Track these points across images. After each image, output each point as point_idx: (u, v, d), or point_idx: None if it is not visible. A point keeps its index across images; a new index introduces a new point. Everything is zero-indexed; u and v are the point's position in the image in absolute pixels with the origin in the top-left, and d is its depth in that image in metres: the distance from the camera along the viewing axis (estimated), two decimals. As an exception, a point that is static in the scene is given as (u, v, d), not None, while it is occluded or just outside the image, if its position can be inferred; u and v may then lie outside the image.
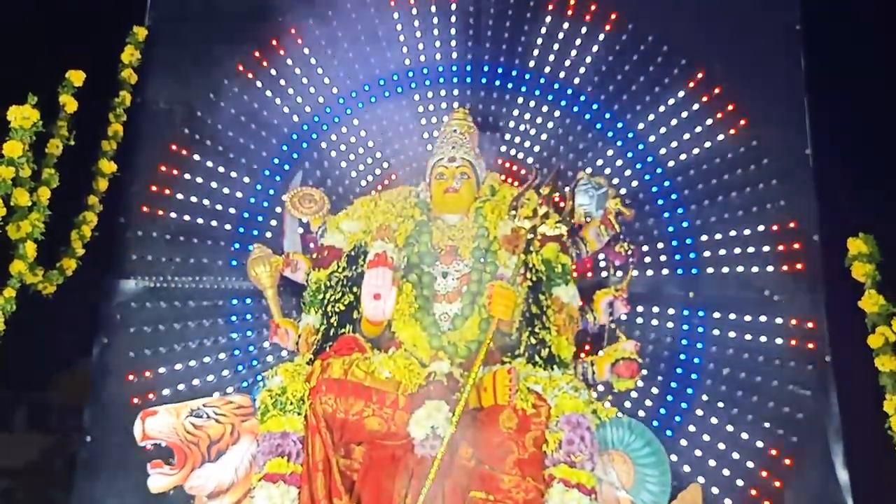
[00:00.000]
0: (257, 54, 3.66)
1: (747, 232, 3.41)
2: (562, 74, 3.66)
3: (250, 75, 3.65)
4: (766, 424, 3.22)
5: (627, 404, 3.23)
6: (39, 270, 3.17)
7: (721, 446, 3.19)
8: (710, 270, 3.42)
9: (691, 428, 3.25)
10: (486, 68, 3.69)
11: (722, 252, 3.42)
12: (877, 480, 3.12)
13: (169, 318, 3.43)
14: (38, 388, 4.58)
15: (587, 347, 3.28)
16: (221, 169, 3.58)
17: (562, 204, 3.31)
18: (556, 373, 2.75)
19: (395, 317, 2.87)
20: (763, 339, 3.30)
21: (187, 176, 3.56)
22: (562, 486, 2.48)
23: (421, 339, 2.85)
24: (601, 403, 2.73)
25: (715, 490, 3.13)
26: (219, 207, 3.56)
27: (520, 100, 3.67)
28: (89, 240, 3.47)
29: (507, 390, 2.57)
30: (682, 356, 3.35)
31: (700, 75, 3.55)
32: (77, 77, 3.29)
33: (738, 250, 3.41)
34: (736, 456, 3.18)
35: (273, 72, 3.66)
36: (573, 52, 3.65)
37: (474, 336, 2.88)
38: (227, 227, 3.55)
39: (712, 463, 3.18)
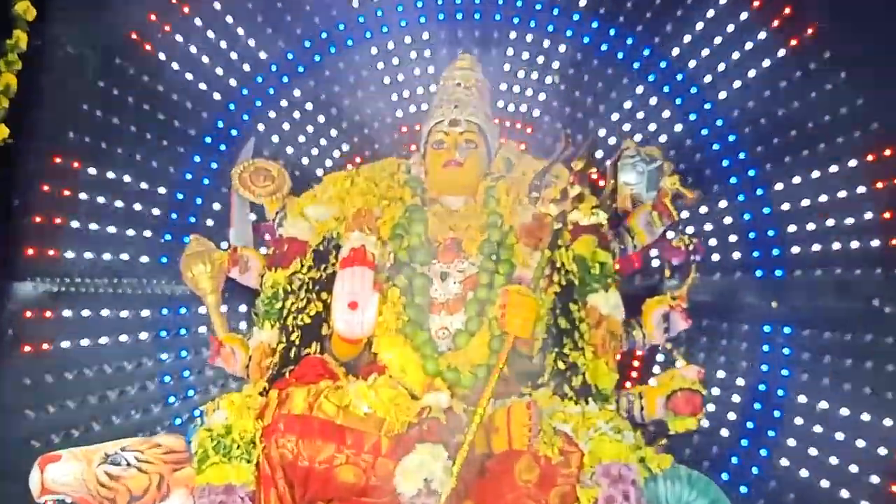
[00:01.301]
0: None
1: (849, 221, 3.41)
2: (601, 8, 3.68)
3: (186, 9, 3.66)
4: (874, 479, 3.22)
5: (687, 451, 3.23)
6: None
7: (812, 508, 3.23)
8: (798, 273, 3.43)
9: (773, 484, 3.27)
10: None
11: (815, 248, 3.43)
12: None
13: (77, 333, 3.46)
14: None
15: (634, 375, 3.29)
16: (148, 135, 3.59)
17: (601, 183, 3.33)
18: (592, 408, 2.76)
19: (376, 333, 2.88)
20: (869, 364, 3.30)
21: (103, 144, 3.57)
22: (598, 560, 2.49)
23: (412, 362, 2.86)
24: (652, 449, 2.69)
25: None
26: (144, 186, 3.57)
27: (545, 42, 3.69)
28: (-28, 230, 3.49)
29: (525, 431, 2.57)
30: (762, 386, 3.37)
31: (787, 11, 3.54)
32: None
33: (836, 245, 3.41)
34: (832, 520, 3.21)
35: (217, 5, 3.68)
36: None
37: (482, 359, 2.89)
38: (156, 211, 3.57)
39: (800, 529, 3.22)
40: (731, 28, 3.55)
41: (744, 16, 3.54)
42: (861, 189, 3.43)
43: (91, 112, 3.58)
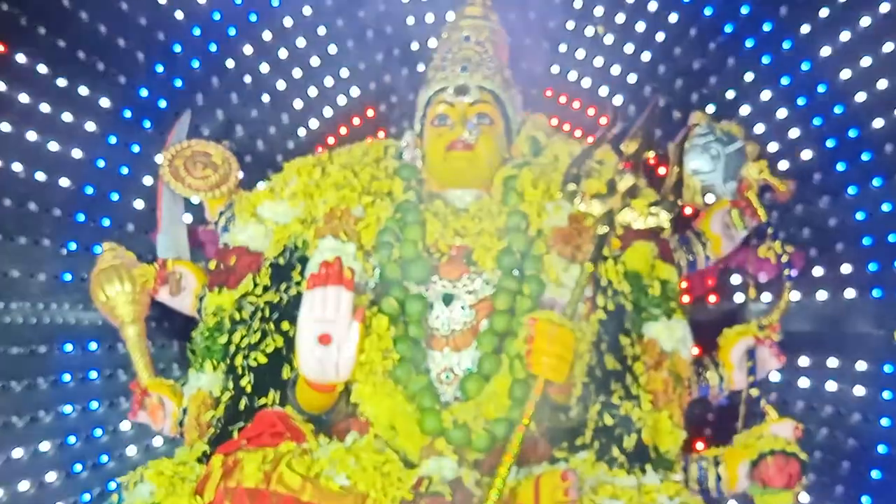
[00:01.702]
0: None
1: None
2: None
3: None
4: None
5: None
6: None
7: None
8: (931, 292, 3.45)
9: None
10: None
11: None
12: None
13: (-51, 377, 3.47)
14: None
15: (707, 432, 3.30)
16: (46, 107, 3.60)
17: (661, 171, 3.33)
18: (651, 479, 2.76)
19: (357, 377, 2.87)
20: None
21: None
22: None
23: (405, 416, 2.86)
24: None
25: None
26: (40, 177, 3.59)
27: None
28: None
29: (560, 510, 2.58)
30: (882, 448, 3.39)
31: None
32: None
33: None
34: None
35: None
36: None
37: (501, 412, 2.88)
38: (55, 212, 3.60)
39: None
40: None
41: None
42: None
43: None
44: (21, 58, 3.56)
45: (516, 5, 3.65)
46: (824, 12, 3.58)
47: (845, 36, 3.56)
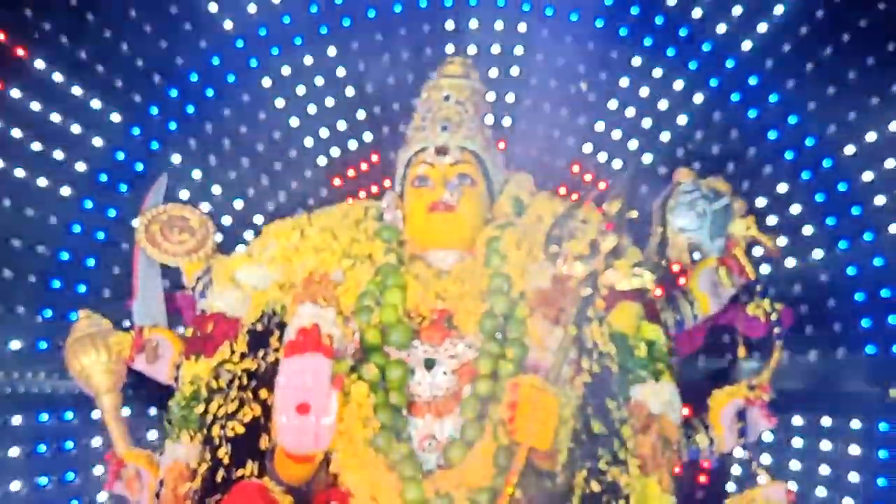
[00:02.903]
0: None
1: None
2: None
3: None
4: None
5: None
6: None
7: None
8: (925, 348, 3.47)
9: None
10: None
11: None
12: None
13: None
14: None
15: (699, 496, 3.31)
16: (21, 172, 3.64)
17: (647, 230, 3.34)
18: (642, 549, 2.74)
19: (337, 446, 2.86)
20: None
21: (-43, 187, 3.62)
22: None
23: (386, 487, 2.84)
24: None
25: None
26: (15, 243, 3.62)
27: (566, 37, 3.78)
28: None
29: (546, 584, 2.56)
30: (878, 510, 3.38)
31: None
32: None
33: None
34: None
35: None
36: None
37: (485, 480, 2.85)
38: (31, 278, 3.62)
39: None
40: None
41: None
42: None
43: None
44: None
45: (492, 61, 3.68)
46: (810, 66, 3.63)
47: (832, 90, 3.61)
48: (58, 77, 3.69)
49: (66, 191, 3.66)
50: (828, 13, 3.64)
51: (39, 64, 3.68)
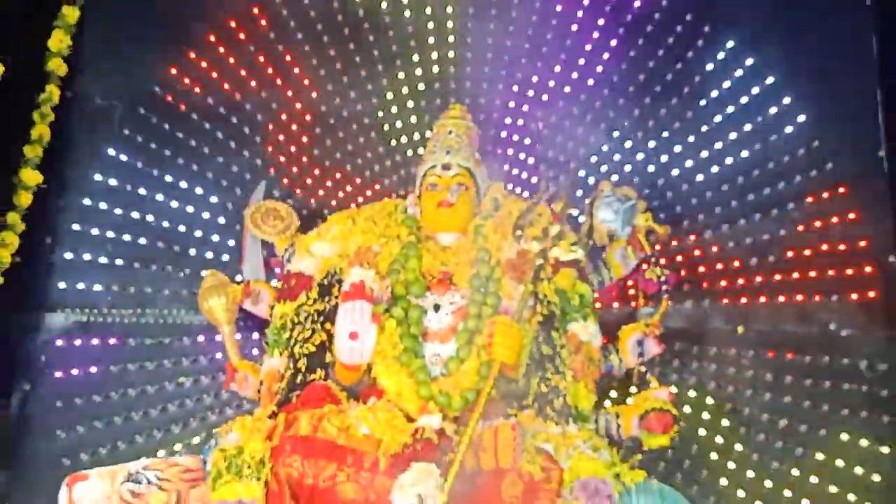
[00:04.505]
0: (213, 38, 3.73)
1: (807, 252, 3.43)
2: (580, 60, 3.72)
3: (204, 64, 3.72)
4: (833, 488, 3.23)
5: (660, 466, 3.27)
6: (-52, 303, 3.23)
7: (777, 517, 3.22)
8: (762, 300, 3.44)
9: (740, 493, 3.27)
10: (487, 53, 3.78)
11: (777, 277, 3.44)
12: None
13: (105, 359, 3.49)
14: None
15: (612, 396, 3.29)
16: (169, 178, 3.65)
17: (580, 220, 3.36)
18: (572, 428, 2.76)
19: (375, 360, 2.90)
20: (827, 384, 3.32)
21: (127, 187, 3.62)
22: (576, 568, 2.49)
23: (407, 387, 2.87)
24: (626, 465, 2.69)
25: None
26: (165, 224, 3.62)
27: (529, 92, 3.74)
28: (8, 266, 3.49)
29: (510, 450, 2.58)
30: (728, 405, 3.37)
31: (750, 61, 3.58)
32: (-8, 70, 3.34)
33: (796, 275, 3.43)
34: (796, 529, 3.21)
35: (231, 59, 3.73)
36: (594, 35, 3.71)
37: (472, 384, 2.89)
38: (176, 248, 3.61)
39: (767, 537, 3.21)
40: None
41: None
42: (817, 223, 3.44)
43: (116, 157, 3.64)
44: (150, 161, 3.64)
45: (481, 109, 3.65)
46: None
47: (704, 118, 3.58)
48: (194, 116, 3.69)
49: (199, 190, 3.66)
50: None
51: (182, 107, 3.68)
